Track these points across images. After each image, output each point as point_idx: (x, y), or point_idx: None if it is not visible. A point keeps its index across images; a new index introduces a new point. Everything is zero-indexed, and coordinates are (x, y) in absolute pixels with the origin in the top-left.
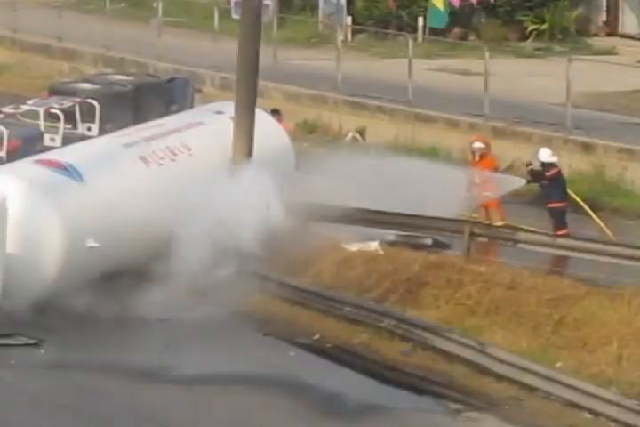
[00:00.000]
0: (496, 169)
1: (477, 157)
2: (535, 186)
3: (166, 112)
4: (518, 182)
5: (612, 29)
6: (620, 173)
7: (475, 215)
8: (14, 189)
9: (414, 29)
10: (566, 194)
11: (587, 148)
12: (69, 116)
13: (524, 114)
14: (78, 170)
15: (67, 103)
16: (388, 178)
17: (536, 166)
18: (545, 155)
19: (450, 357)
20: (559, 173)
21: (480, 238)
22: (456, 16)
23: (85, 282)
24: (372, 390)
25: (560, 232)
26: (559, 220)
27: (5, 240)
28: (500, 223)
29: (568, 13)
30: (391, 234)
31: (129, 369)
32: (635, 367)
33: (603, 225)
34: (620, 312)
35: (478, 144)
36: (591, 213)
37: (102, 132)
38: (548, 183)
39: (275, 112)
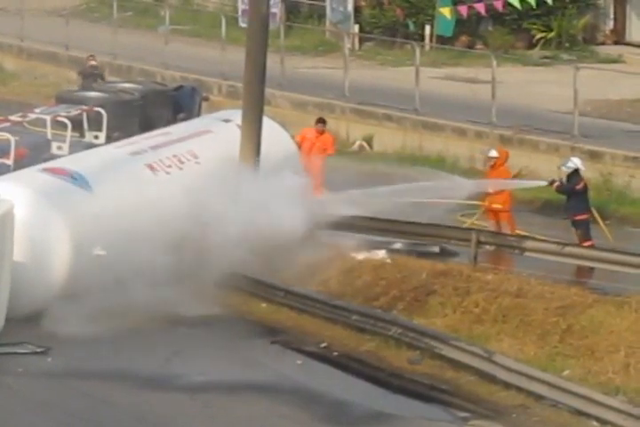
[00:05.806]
0: None
1: (489, 166)
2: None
3: (174, 120)
4: (538, 183)
5: (619, 38)
6: (626, 181)
7: (477, 222)
8: (21, 197)
9: (421, 38)
10: (589, 205)
11: (594, 156)
12: (76, 125)
13: (532, 122)
14: (85, 178)
15: (74, 111)
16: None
17: (563, 172)
18: (580, 162)
19: (457, 365)
20: (586, 184)
21: (487, 247)
22: (463, 24)
23: (92, 290)
24: (379, 399)
25: (587, 243)
26: (586, 231)
27: (13, 248)
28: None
29: (575, 22)
30: (398, 242)
31: (136, 377)
32: None
33: (606, 231)
34: (628, 320)
35: (493, 152)
36: (599, 220)
37: (109, 140)
38: (575, 195)
39: (320, 122)
